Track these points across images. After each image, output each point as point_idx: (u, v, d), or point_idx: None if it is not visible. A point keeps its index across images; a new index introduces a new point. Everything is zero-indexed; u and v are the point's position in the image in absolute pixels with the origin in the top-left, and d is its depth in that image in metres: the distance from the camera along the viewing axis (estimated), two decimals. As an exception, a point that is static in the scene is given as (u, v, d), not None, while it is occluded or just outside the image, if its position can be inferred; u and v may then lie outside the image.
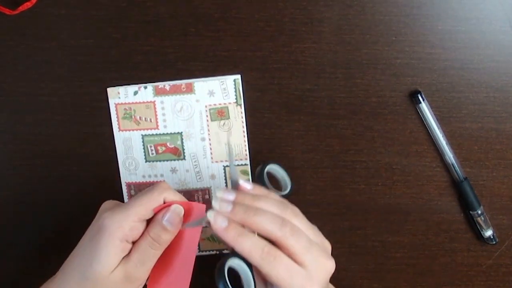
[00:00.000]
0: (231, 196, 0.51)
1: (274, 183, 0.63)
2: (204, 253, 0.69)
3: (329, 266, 0.53)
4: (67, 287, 0.55)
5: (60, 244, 0.59)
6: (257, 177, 0.61)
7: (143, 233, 0.55)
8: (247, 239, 0.49)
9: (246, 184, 0.54)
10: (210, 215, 0.50)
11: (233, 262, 0.52)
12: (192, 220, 0.56)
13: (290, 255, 0.50)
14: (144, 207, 0.54)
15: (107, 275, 0.53)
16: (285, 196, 0.61)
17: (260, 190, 0.54)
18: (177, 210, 0.56)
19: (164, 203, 0.56)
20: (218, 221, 0.50)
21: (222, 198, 0.51)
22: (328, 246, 0.55)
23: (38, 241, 0.70)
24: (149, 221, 0.56)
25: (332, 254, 0.53)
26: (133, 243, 0.55)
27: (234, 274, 0.52)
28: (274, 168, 0.63)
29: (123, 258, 0.54)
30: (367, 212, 0.68)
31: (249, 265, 0.51)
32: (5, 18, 0.64)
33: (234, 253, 0.51)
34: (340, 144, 0.66)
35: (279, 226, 0.50)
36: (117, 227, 0.53)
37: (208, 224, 0.50)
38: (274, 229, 0.50)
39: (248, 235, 0.50)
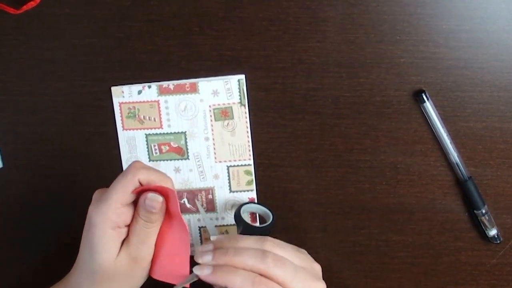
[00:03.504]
0: (210, 246, 0.55)
1: (260, 219, 0.64)
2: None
3: None
4: (82, 282, 0.56)
5: (64, 244, 0.59)
6: (236, 220, 0.63)
7: (134, 215, 0.56)
8: (236, 275, 0.52)
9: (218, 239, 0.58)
10: (196, 270, 0.53)
11: None
12: (170, 204, 0.57)
13: (279, 284, 0.53)
14: (121, 193, 0.54)
15: (113, 263, 0.55)
16: (270, 226, 0.62)
17: (235, 236, 0.57)
18: (154, 198, 0.55)
19: (141, 184, 0.55)
20: (204, 271, 0.53)
21: (202, 251, 0.54)
22: (317, 268, 0.57)
23: (41, 241, 0.70)
24: (137, 199, 0.56)
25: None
26: (128, 225, 0.56)
27: None
28: (250, 207, 0.66)
29: (123, 242, 0.55)
30: (371, 211, 0.68)
31: None
32: (9, 17, 0.64)
33: None
34: (344, 144, 0.66)
35: (260, 258, 0.53)
36: (103, 219, 0.54)
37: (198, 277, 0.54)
38: (256, 262, 0.52)
39: (236, 271, 0.52)
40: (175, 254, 0.57)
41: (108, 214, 0.54)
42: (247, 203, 0.66)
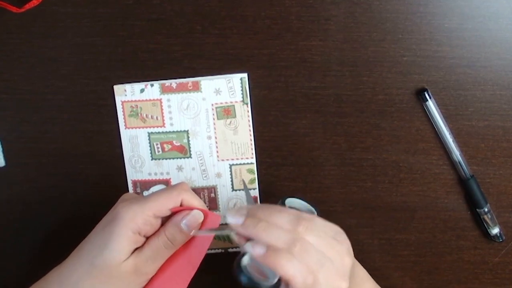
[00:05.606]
0: (244, 211, 0.51)
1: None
2: (210, 251, 0.69)
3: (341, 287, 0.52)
4: (75, 274, 0.55)
5: (66, 242, 0.59)
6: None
7: (158, 230, 0.55)
8: (292, 263, 0.49)
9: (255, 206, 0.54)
10: (249, 246, 0.50)
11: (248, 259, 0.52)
12: (205, 228, 0.57)
13: None
14: (160, 203, 0.55)
15: (117, 265, 0.54)
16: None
17: (272, 208, 0.53)
18: (197, 216, 0.56)
19: (181, 204, 0.56)
20: (256, 250, 0.49)
21: (236, 211, 0.51)
22: (347, 263, 0.53)
23: (44, 239, 0.70)
24: (164, 220, 0.56)
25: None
26: (147, 237, 0.55)
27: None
28: (292, 201, 0.61)
29: (135, 250, 0.55)
30: (374, 210, 0.68)
31: None
32: (11, 16, 0.64)
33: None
34: (346, 142, 0.66)
35: (288, 245, 0.49)
36: (130, 218, 0.54)
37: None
38: (282, 247, 0.49)
39: (292, 259, 0.49)
40: (176, 282, 0.56)
41: (137, 217, 0.54)
42: (287, 197, 0.61)
